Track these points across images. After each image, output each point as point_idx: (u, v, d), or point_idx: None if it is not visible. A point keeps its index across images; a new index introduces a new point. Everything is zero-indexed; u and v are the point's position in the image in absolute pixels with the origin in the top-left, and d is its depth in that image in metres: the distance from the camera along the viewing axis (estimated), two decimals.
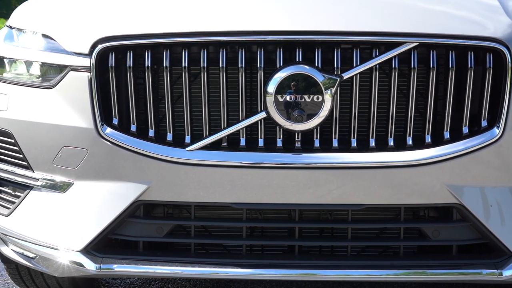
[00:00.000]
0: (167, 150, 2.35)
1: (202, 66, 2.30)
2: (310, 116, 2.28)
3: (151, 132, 2.38)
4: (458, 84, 2.32)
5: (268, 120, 2.31)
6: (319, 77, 2.26)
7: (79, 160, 2.39)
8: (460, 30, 2.31)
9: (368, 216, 2.47)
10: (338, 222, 2.49)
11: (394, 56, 2.28)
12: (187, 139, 2.36)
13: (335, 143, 2.34)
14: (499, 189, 2.36)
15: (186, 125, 2.36)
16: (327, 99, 2.26)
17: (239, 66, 2.29)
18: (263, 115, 2.30)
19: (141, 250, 2.47)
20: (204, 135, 2.35)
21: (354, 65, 2.28)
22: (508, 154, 2.32)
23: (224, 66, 2.30)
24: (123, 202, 2.37)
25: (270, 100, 2.27)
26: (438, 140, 2.34)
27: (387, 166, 2.32)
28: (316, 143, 2.34)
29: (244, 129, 2.34)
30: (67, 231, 2.44)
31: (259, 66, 2.28)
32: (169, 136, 2.37)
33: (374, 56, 2.28)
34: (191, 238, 2.50)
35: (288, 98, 2.26)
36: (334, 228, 2.53)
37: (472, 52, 2.29)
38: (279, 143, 2.34)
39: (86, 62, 2.35)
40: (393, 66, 2.29)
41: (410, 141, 2.34)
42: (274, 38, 2.29)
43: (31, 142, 2.47)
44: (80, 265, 2.42)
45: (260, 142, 2.34)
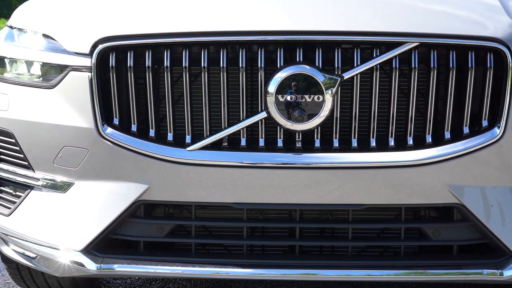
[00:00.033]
0: (168, 150, 2.35)
1: (202, 66, 2.30)
2: (311, 116, 2.28)
3: (152, 132, 2.38)
4: (459, 84, 2.32)
5: (269, 120, 2.31)
6: (319, 77, 2.26)
7: (79, 160, 2.39)
8: (460, 30, 2.31)
9: (369, 216, 2.47)
10: (338, 222, 2.49)
11: (395, 56, 2.28)
12: (188, 139, 2.36)
13: (336, 143, 2.33)
14: (499, 189, 2.36)
15: (187, 125, 2.36)
16: (328, 99, 2.26)
17: (240, 66, 2.29)
18: (263, 115, 2.30)
19: (141, 250, 2.47)
20: (204, 135, 2.35)
21: (355, 65, 2.28)
22: (508, 154, 2.32)
23: (224, 66, 2.30)
24: (124, 202, 2.37)
25: (270, 100, 2.27)
26: (438, 140, 2.34)
27: (387, 166, 2.32)
28: (317, 143, 2.34)
29: (244, 129, 2.34)
30: (68, 231, 2.44)
31: (259, 66, 2.28)
32: (169, 136, 2.37)
33: (374, 56, 2.28)
34: (192, 238, 2.50)
35: (288, 98, 2.26)
36: (335, 228, 2.53)
37: (473, 52, 2.29)
38: (280, 143, 2.34)
39: (87, 62, 2.35)
40: (393, 66, 2.28)
41: (410, 141, 2.34)
42: (274, 38, 2.29)
43: (32, 142, 2.47)
44: (81, 265, 2.42)
45: (261, 142, 2.34)
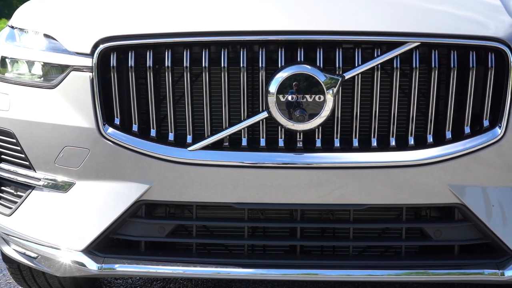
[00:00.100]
0: (169, 150, 2.35)
1: (203, 66, 2.30)
2: (312, 116, 2.28)
3: (153, 132, 2.38)
4: (460, 83, 2.32)
5: (270, 120, 2.31)
6: (320, 77, 2.26)
7: (81, 160, 2.39)
8: (461, 29, 2.31)
9: (370, 216, 2.47)
10: (339, 222, 2.49)
11: (396, 56, 2.28)
12: (189, 139, 2.36)
13: (337, 143, 2.33)
14: (501, 189, 2.36)
15: (188, 125, 2.36)
16: (329, 99, 2.26)
17: (241, 66, 2.29)
18: (264, 115, 2.30)
19: (143, 250, 2.47)
20: (205, 135, 2.35)
21: (356, 65, 2.28)
22: (510, 153, 2.32)
23: (225, 66, 2.30)
24: (125, 202, 2.37)
25: (271, 100, 2.27)
26: (440, 140, 2.34)
27: (388, 166, 2.32)
28: (318, 143, 2.34)
29: (245, 129, 2.34)
30: (69, 231, 2.44)
31: (260, 66, 2.28)
32: (170, 136, 2.37)
33: (375, 56, 2.28)
34: (193, 238, 2.49)
35: (289, 98, 2.26)
36: (336, 228, 2.53)
37: (474, 52, 2.29)
38: (281, 143, 2.34)
39: (88, 62, 2.35)
40: (394, 66, 2.28)
41: (412, 141, 2.34)
42: (275, 38, 2.29)
43: (33, 142, 2.47)
44: (82, 265, 2.42)
45: (262, 142, 2.34)
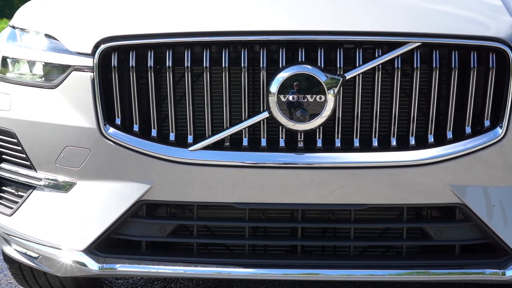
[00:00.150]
0: (170, 150, 2.35)
1: (204, 66, 2.30)
2: (313, 116, 2.28)
3: (154, 132, 2.38)
4: (461, 84, 2.32)
5: (271, 120, 2.31)
6: (321, 77, 2.26)
7: (81, 160, 2.39)
8: (462, 30, 2.31)
9: (371, 216, 2.47)
10: (340, 222, 2.49)
11: (397, 56, 2.28)
12: (190, 139, 2.36)
13: (338, 143, 2.33)
14: (502, 189, 2.36)
15: (189, 125, 2.36)
16: (330, 99, 2.26)
17: (242, 66, 2.29)
18: (265, 115, 2.30)
19: (143, 250, 2.47)
20: (206, 135, 2.35)
21: (357, 65, 2.28)
22: (511, 153, 2.32)
23: (226, 66, 2.30)
24: (126, 202, 2.37)
25: (272, 100, 2.27)
26: (441, 140, 2.34)
27: (389, 166, 2.32)
28: (319, 143, 2.34)
29: (246, 129, 2.34)
30: (70, 231, 2.44)
31: (261, 66, 2.28)
32: (171, 136, 2.37)
33: (376, 56, 2.28)
34: (194, 238, 2.49)
35: (290, 98, 2.26)
36: (337, 228, 2.53)
37: (475, 52, 2.29)
38: (282, 143, 2.34)
39: (89, 62, 2.35)
40: (395, 66, 2.28)
41: (412, 141, 2.34)
42: (276, 38, 2.29)
43: (34, 142, 2.47)
44: (83, 264, 2.42)
45: (263, 142, 2.34)
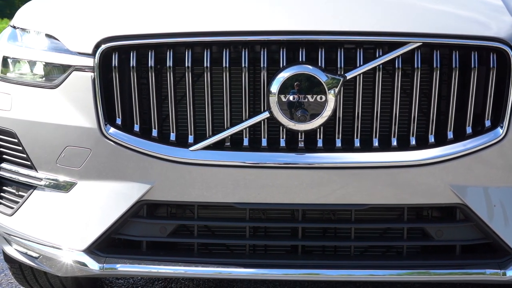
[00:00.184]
0: (170, 150, 2.35)
1: (205, 66, 2.30)
2: (313, 116, 2.28)
3: (154, 132, 2.38)
4: (462, 84, 2.32)
5: (271, 120, 2.31)
6: (322, 77, 2.26)
7: (82, 160, 2.39)
8: (463, 30, 2.31)
9: (372, 216, 2.47)
10: (341, 222, 2.49)
11: (398, 56, 2.28)
12: (190, 139, 2.36)
13: (338, 143, 2.33)
14: (502, 189, 2.36)
15: (189, 125, 2.36)
16: (330, 99, 2.26)
17: (242, 66, 2.29)
18: (266, 115, 2.30)
19: (144, 250, 2.47)
20: (207, 135, 2.35)
21: (358, 65, 2.27)
22: (511, 154, 2.32)
23: (227, 66, 2.29)
24: (127, 202, 2.37)
25: (273, 100, 2.27)
26: (441, 140, 2.34)
27: (390, 166, 2.31)
28: (319, 143, 2.34)
29: (247, 129, 2.34)
30: (71, 231, 2.45)
31: (262, 66, 2.28)
32: (172, 136, 2.37)
33: (377, 56, 2.28)
34: (194, 238, 2.49)
35: (291, 98, 2.26)
36: (337, 228, 2.53)
37: (476, 52, 2.29)
38: (282, 143, 2.34)
39: (90, 62, 2.35)
40: (396, 66, 2.28)
41: (413, 141, 2.34)
42: (277, 38, 2.29)
43: (35, 142, 2.47)
44: (84, 264, 2.42)
45: (263, 142, 2.34)
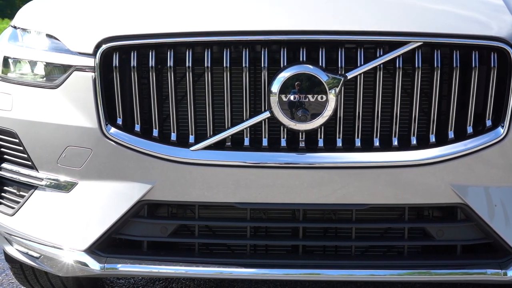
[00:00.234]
0: (171, 150, 2.35)
1: (206, 66, 2.30)
2: (314, 115, 2.28)
3: (155, 132, 2.38)
4: (463, 83, 2.32)
5: (272, 119, 2.31)
6: (323, 76, 2.25)
7: (83, 160, 2.39)
8: (464, 29, 2.31)
9: (372, 216, 2.47)
10: (342, 222, 2.49)
11: (398, 56, 2.28)
12: (191, 139, 2.36)
13: (339, 143, 2.33)
14: (503, 188, 2.35)
15: (190, 125, 2.36)
16: (331, 98, 2.26)
17: (243, 65, 2.29)
18: (267, 114, 2.30)
19: (145, 250, 2.47)
20: (208, 135, 2.35)
21: (358, 64, 2.27)
22: None
23: (228, 66, 2.30)
24: (127, 202, 2.37)
25: (274, 99, 2.27)
26: (442, 140, 2.34)
27: (391, 166, 2.31)
28: (320, 143, 2.33)
29: (248, 128, 2.34)
30: (71, 231, 2.45)
31: (263, 65, 2.28)
32: (173, 136, 2.37)
33: (378, 55, 2.28)
34: (195, 238, 2.49)
35: (292, 97, 2.26)
36: (338, 228, 2.53)
37: (477, 52, 2.29)
38: (283, 142, 2.34)
39: (90, 62, 2.35)
40: (397, 66, 2.28)
41: (414, 140, 2.34)
42: (278, 38, 2.29)
43: (36, 142, 2.47)
44: (85, 264, 2.42)
45: (264, 142, 2.34)
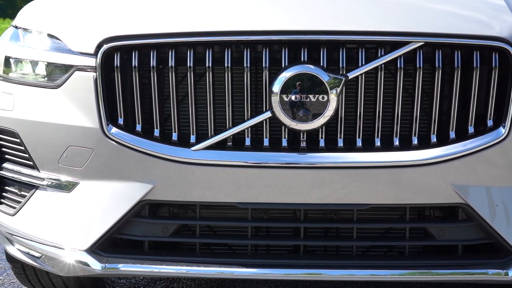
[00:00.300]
0: (172, 150, 2.35)
1: (207, 65, 2.31)
2: (315, 115, 2.28)
3: (157, 132, 2.38)
4: (464, 83, 2.32)
5: (273, 119, 2.31)
6: (324, 76, 2.25)
7: (84, 160, 2.39)
8: (465, 29, 2.31)
9: (373, 216, 2.47)
10: (343, 222, 2.49)
11: (400, 56, 2.28)
12: (192, 138, 2.36)
13: (340, 143, 2.33)
14: (504, 188, 2.35)
15: (191, 124, 2.36)
16: (332, 98, 2.26)
17: (244, 65, 2.29)
18: (268, 114, 2.30)
19: (146, 249, 2.47)
20: (209, 135, 2.35)
21: (360, 64, 2.27)
22: None
23: (229, 66, 2.30)
24: (129, 201, 2.37)
25: (275, 99, 2.27)
26: (443, 140, 2.34)
27: (392, 166, 2.31)
28: (321, 143, 2.33)
29: (249, 128, 2.34)
30: (73, 231, 2.45)
31: (264, 65, 2.28)
32: (174, 136, 2.37)
33: (379, 55, 2.28)
34: (196, 238, 2.49)
35: (293, 97, 2.26)
36: (339, 228, 2.53)
37: (478, 52, 2.29)
38: (284, 142, 2.34)
39: (92, 62, 2.35)
40: (398, 66, 2.28)
41: (415, 140, 2.34)
42: (279, 38, 2.29)
43: (37, 142, 2.47)
44: (86, 264, 2.43)
45: (265, 142, 2.34)
